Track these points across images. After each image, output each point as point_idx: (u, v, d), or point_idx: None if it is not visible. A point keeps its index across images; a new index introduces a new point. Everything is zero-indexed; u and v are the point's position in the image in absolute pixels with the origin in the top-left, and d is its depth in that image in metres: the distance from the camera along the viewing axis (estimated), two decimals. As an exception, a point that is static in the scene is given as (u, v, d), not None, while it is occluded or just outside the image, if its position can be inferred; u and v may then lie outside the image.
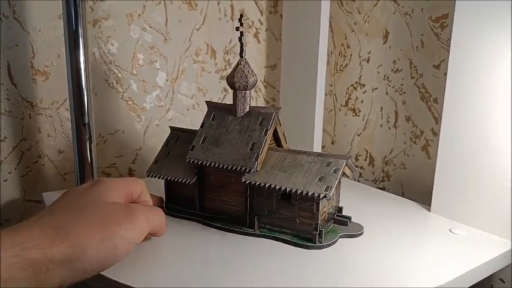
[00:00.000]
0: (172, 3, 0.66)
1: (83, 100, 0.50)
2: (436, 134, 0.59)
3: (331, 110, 0.76)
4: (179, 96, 0.70)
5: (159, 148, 0.51)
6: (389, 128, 0.65)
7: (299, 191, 0.40)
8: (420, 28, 0.59)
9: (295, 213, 0.42)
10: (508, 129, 0.43)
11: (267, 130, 0.44)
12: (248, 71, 0.45)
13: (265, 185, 0.42)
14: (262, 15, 0.77)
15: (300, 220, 0.42)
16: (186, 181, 0.46)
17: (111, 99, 0.64)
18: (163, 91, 0.68)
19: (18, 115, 0.57)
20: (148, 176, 0.48)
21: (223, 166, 0.43)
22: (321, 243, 0.41)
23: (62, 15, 0.48)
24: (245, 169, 0.42)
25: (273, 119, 0.44)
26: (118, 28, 0.62)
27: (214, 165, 0.44)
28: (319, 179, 0.41)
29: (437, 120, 0.58)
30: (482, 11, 0.44)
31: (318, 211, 0.41)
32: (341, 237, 0.43)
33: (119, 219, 0.33)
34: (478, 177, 0.46)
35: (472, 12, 0.45)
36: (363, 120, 0.70)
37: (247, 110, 0.46)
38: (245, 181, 0.43)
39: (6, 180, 0.58)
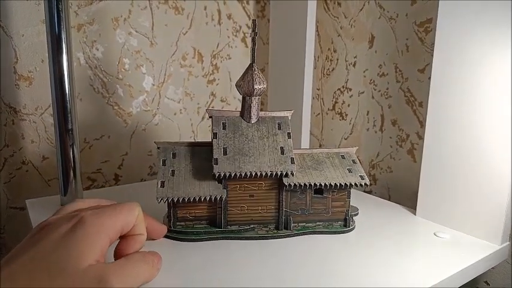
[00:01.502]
0: (158, 7, 0.66)
1: (67, 106, 0.49)
2: (421, 137, 0.59)
3: (319, 113, 0.76)
4: (166, 100, 0.70)
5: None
6: (376, 132, 0.66)
7: (340, 184, 0.44)
8: (405, 33, 0.60)
9: (328, 206, 0.46)
10: (492, 132, 0.44)
11: (289, 133, 0.45)
12: (262, 76, 0.44)
13: (310, 185, 0.44)
14: (249, 19, 0.77)
15: (333, 210, 0.46)
16: (216, 197, 0.42)
17: (96, 104, 0.63)
18: (150, 96, 0.68)
19: (1, 121, 0.56)
20: (160, 202, 0.41)
21: (261, 174, 0.42)
22: (353, 225, 0.47)
23: (44, 20, 0.48)
24: (286, 173, 0.43)
25: (289, 122, 0.46)
26: (103, 33, 0.62)
27: (251, 175, 0.42)
28: (349, 171, 0.46)
29: (423, 123, 0.59)
30: (465, 16, 0.45)
31: (350, 198, 0.46)
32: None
33: None
34: (462, 181, 0.47)
35: (455, 16, 0.46)
36: (350, 124, 0.70)
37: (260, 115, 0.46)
38: (289, 184, 0.43)
39: (-12, 187, 0.57)
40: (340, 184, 0.45)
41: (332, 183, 0.44)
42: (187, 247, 0.41)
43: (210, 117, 0.45)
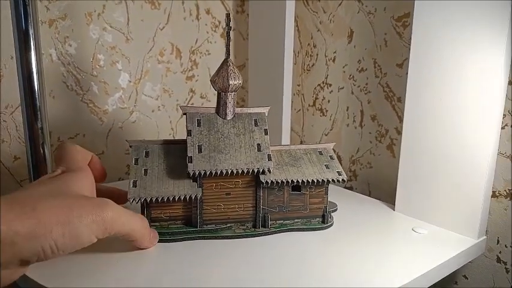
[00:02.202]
0: (134, 2, 0.64)
1: (36, 103, 0.48)
2: (400, 132, 0.59)
3: (300, 110, 0.76)
4: (143, 97, 0.68)
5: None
6: (356, 128, 0.66)
7: (317, 180, 0.44)
8: (383, 27, 0.59)
9: (305, 202, 0.46)
10: (470, 127, 0.44)
11: (266, 130, 0.45)
12: (237, 72, 0.43)
13: (287, 182, 0.43)
14: (230, 15, 0.75)
15: (311, 207, 0.46)
16: (190, 196, 0.41)
17: (70, 102, 0.61)
18: (126, 92, 0.66)
19: (-31, 120, 0.54)
20: (133, 202, 0.39)
21: (237, 172, 0.42)
22: (331, 222, 0.47)
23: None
24: (263, 170, 0.42)
25: (266, 118, 0.46)
26: (76, 28, 0.60)
27: (227, 172, 0.41)
28: (326, 167, 0.46)
29: (401, 119, 0.58)
30: (442, 10, 0.45)
31: (327, 195, 0.46)
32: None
33: (86, 208, 0.32)
34: (440, 176, 0.47)
35: (431, 11, 0.46)
36: (330, 119, 0.70)
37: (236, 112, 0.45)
38: (266, 181, 0.43)
39: (-43, 189, 0.55)
40: (317, 180, 0.44)
41: (309, 180, 0.44)
42: (161, 248, 0.40)
43: (184, 114, 0.44)
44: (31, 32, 0.46)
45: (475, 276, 0.52)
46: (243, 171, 0.42)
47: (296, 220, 0.46)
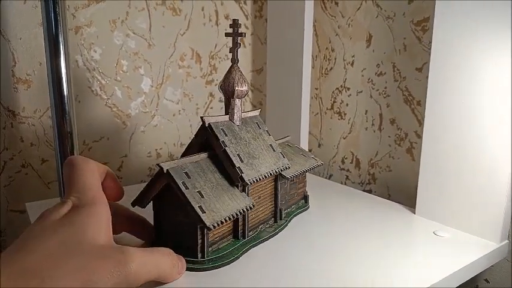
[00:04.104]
0: (156, 9, 0.66)
1: (65, 108, 0.49)
2: (420, 136, 0.59)
3: (317, 113, 0.76)
4: (165, 101, 0.70)
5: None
6: (374, 131, 0.66)
7: (310, 168, 0.50)
8: (402, 32, 0.60)
9: (297, 189, 0.51)
10: (491, 130, 0.44)
11: (267, 131, 0.46)
12: (245, 78, 0.43)
13: (300, 173, 0.49)
14: (247, 19, 0.77)
15: (298, 192, 0.52)
16: (248, 207, 0.39)
17: (95, 106, 0.63)
18: (148, 97, 0.68)
19: (0, 124, 0.56)
20: (215, 227, 0.36)
21: (275, 173, 0.44)
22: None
23: (42, 23, 0.48)
24: (285, 168, 0.45)
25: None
26: (101, 35, 0.62)
27: (269, 175, 0.43)
28: (303, 155, 0.52)
29: (421, 122, 0.59)
30: (462, 14, 0.45)
31: (306, 178, 0.53)
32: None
33: (107, 267, 0.27)
34: (461, 179, 0.47)
35: (452, 15, 0.46)
36: (348, 123, 0.70)
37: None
38: (290, 177, 0.46)
39: (-12, 190, 0.57)
40: (310, 168, 0.51)
41: (306, 169, 0.50)
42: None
43: (207, 126, 0.40)
44: (61, 38, 0.48)
45: (497, 281, 0.52)
46: (275, 172, 0.43)
47: (292, 206, 0.50)
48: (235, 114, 0.43)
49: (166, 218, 0.39)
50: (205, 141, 0.40)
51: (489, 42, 0.43)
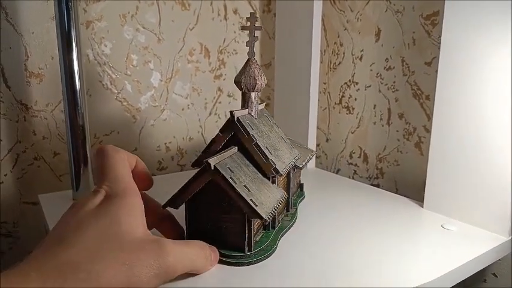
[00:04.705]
0: (165, 3, 0.66)
1: (77, 102, 0.50)
2: (428, 130, 0.59)
3: (325, 108, 0.77)
4: (174, 96, 0.70)
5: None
6: (383, 126, 0.66)
7: (311, 157, 0.55)
8: (411, 26, 0.60)
9: (297, 178, 0.53)
10: (500, 124, 0.44)
11: (276, 123, 0.48)
12: (263, 71, 0.44)
13: (307, 162, 0.52)
14: (255, 14, 0.77)
15: (297, 181, 0.54)
16: (286, 197, 0.42)
17: (105, 100, 0.64)
18: (158, 91, 0.69)
19: (13, 117, 0.57)
20: (269, 218, 0.36)
21: (294, 164, 0.45)
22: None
23: (54, 17, 0.49)
24: (298, 158, 0.47)
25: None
26: (111, 29, 0.63)
27: (292, 166, 0.44)
28: (298, 145, 0.55)
29: (430, 117, 0.59)
30: (472, 8, 0.45)
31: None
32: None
33: (147, 261, 0.28)
34: (469, 173, 0.47)
35: (462, 9, 0.46)
36: (357, 118, 0.70)
37: None
38: (301, 166, 0.48)
39: (2, 182, 0.58)
40: (311, 157, 0.54)
41: (309, 158, 0.53)
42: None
43: (236, 120, 0.39)
44: (73, 33, 0.49)
45: (505, 275, 0.52)
46: (294, 162, 0.45)
47: (294, 195, 0.51)
48: (254, 108, 0.43)
49: (202, 217, 0.38)
50: (233, 135, 0.40)
51: (499, 36, 0.43)
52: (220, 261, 0.37)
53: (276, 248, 0.40)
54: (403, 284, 0.35)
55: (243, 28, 0.43)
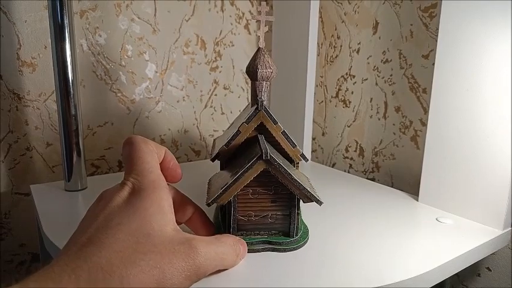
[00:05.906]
0: (160, -7, 0.66)
1: (70, 92, 0.50)
2: (424, 124, 0.59)
3: (322, 101, 0.76)
4: (169, 87, 0.70)
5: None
6: (379, 119, 0.66)
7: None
8: (409, 18, 0.59)
9: None
10: (496, 118, 0.44)
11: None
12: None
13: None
14: (252, 6, 0.76)
15: None
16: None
17: (99, 91, 0.63)
18: (153, 83, 0.68)
19: (5, 107, 0.57)
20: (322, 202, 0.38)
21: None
22: None
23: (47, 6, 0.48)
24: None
25: None
26: (106, 19, 0.62)
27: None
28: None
29: (426, 110, 0.58)
30: (470, 1, 0.44)
31: None
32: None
33: (179, 264, 0.28)
34: (465, 167, 0.47)
35: (460, 1, 0.45)
36: (353, 111, 0.70)
37: None
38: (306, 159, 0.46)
39: (-7, 173, 0.57)
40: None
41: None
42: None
43: (264, 109, 0.38)
44: (66, 22, 0.48)
45: (499, 269, 0.52)
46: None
47: None
48: (267, 97, 0.42)
49: (246, 207, 0.38)
50: (259, 125, 0.39)
51: (497, 29, 0.42)
52: (268, 249, 0.38)
53: (309, 232, 0.42)
54: (397, 276, 0.35)
55: (254, 18, 0.42)
